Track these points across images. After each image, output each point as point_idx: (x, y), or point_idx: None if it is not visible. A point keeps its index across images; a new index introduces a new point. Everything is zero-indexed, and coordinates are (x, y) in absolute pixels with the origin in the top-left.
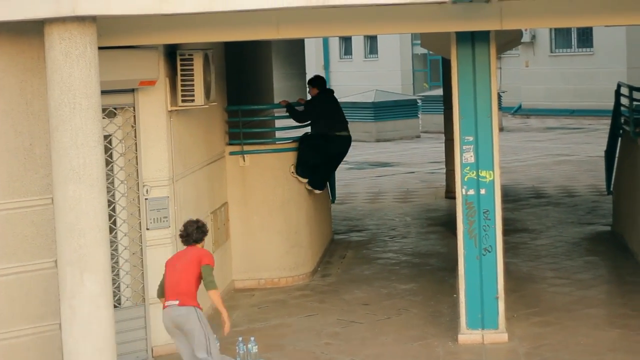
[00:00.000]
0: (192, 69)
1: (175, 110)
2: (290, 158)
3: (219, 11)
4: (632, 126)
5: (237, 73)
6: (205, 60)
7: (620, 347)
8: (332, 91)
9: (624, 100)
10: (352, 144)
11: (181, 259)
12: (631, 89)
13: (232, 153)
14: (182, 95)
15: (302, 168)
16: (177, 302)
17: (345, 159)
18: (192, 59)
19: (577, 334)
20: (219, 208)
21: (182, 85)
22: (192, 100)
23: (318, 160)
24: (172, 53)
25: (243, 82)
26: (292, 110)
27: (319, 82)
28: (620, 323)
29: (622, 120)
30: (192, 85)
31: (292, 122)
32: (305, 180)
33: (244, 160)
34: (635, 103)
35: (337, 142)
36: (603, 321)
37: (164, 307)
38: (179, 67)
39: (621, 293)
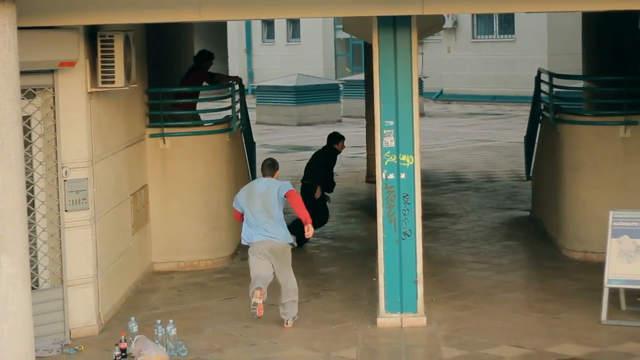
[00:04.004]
0: (112, 51)
1: (95, 91)
2: (211, 140)
3: None
4: (552, 112)
5: (158, 55)
6: (126, 42)
7: (538, 330)
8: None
9: (544, 87)
10: (273, 127)
11: None
12: (551, 75)
13: (152, 135)
14: (102, 77)
15: None
16: None
17: (266, 142)
18: (112, 41)
19: (495, 317)
20: (138, 190)
21: (103, 67)
22: (113, 82)
23: None
24: (92, 34)
25: (164, 64)
26: None
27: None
28: (539, 307)
29: (542, 107)
30: (113, 66)
31: (213, 105)
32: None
33: (164, 143)
34: (555, 90)
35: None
36: (521, 305)
37: None
38: (99, 49)
39: (539, 277)
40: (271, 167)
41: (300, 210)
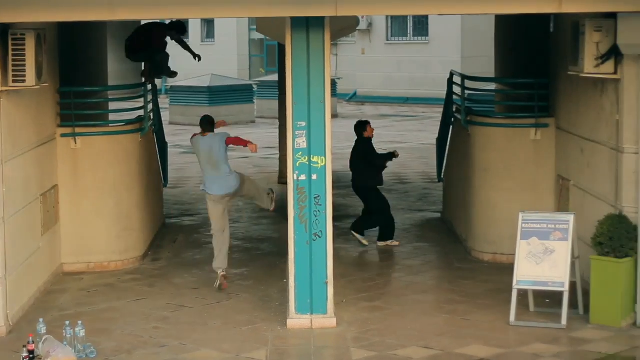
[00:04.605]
0: (23, 49)
1: (6, 90)
2: (122, 140)
3: None
4: (463, 115)
5: (71, 54)
6: (38, 41)
7: (447, 332)
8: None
9: (457, 89)
10: (186, 128)
11: None
12: (463, 77)
13: (63, 135)
14: (13, 76)
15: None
16: None
17: (179, 143)
18: (24, 39)
19: (405, 319)
20: (48, 190)
21: (13, 66)
22: (24, 81)
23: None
24: (3, 32)
25: (76, 63)
26: None
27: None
28: (448, 308)
29: (454, 109)
30: (24, 65)
31: (125, 105)
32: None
33: (76, 143)
34: (466, 92)
35: None
36: (431, 306)
37: None
38: (10, 47)
39: (449, 279)
40: (212, 124)
41: (240, 143)
